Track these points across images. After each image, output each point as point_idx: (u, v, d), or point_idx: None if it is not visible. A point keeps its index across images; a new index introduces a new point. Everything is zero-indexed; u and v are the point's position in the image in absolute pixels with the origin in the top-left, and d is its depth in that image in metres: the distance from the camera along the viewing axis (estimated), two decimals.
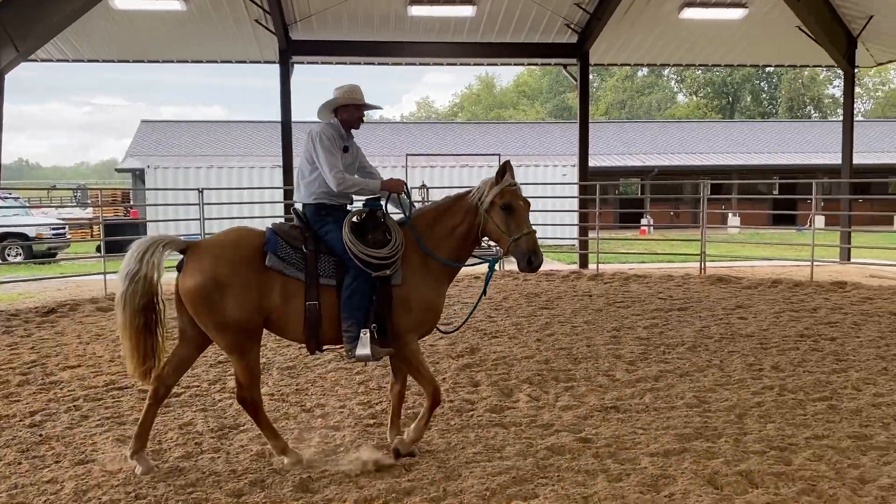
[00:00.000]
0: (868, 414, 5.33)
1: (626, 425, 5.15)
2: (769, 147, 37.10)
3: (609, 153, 35.36)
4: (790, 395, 5.83)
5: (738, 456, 4.52)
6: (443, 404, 5.66)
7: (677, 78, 65.13)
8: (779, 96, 62.70)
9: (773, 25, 16.59)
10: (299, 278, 4.31)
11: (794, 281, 12.69)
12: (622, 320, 9.30)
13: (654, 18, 16.18)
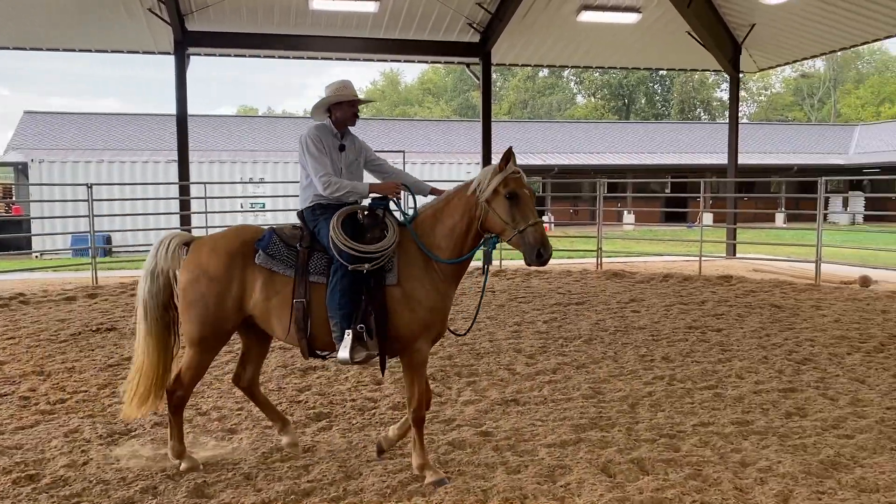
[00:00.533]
0: (749, 401, 5.65)
1: (525, 418, 5.27)
2: (662, 147, 38.74)
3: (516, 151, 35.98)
4: (679, 385, 6.11)
5: (631, 444, 4.70)
6: (345, 403, 5.63)
7: (577, 80, 67.00)
8: (671, 99, 65.53)
9: (665, 31, 17.32)
10: (289, 275, 4.20)
11: (685, 275, 13.31)
12: (523, 315, 9.49)
13: (554, 20, 16.59)
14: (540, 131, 40.12)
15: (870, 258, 16.72)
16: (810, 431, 4.90)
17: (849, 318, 9.05)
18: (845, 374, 6.43)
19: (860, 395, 5.77)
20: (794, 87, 66.63)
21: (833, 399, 5.68)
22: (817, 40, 16.54)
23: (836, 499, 3.86)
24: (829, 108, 64.12)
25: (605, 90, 65.27)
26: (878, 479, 4.11)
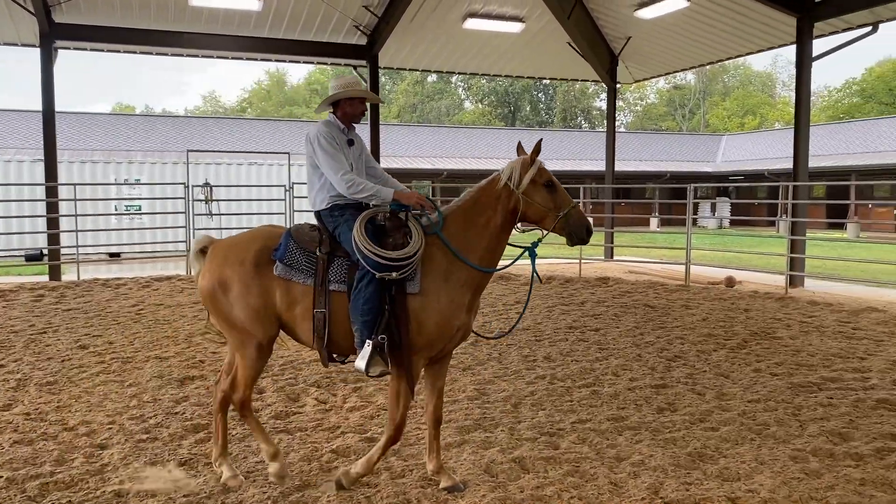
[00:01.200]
0: (624, 397, 5.90)
1: (411, 422, 5.27)
2: (545, 154, 39.18)
3: (401, 155, 36.09)
4: (559, 384, 6.30)
5: (513, 444, 4.80)
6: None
7: (464, 86, 67.97)
8: (554, 107, 67.67)
9: (547, 41, 17.86)
10: (308, 284, 4.02)
11: (566, 277, 13.76)
12: None
13: (440, 26, 16.76)
14: (429, 136, 40.44)
15: (734, 260, 17.87)
16: (680, 425, 5.17)
17: (715, 317, 9.63)
18: (712, 370, 6.83)
19: (725, 390, 6.14)
20: (667, 99, 70.38)
21: (700, 394, 6.02)
22: (687, 54, 17.55)
23: (701, 488, 4.09)
24: (699, 118, 68.11)
25: (492, 97, 66.58)
26: (739, 468, 4.38)
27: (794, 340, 8.17)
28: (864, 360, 7.21)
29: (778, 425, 5.17)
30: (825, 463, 4.48)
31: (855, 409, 5.59)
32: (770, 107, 65.53)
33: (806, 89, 13.50)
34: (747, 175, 38.49)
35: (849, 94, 59.37)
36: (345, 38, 16.81)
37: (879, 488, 4.10)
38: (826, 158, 35.34)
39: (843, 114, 56.30)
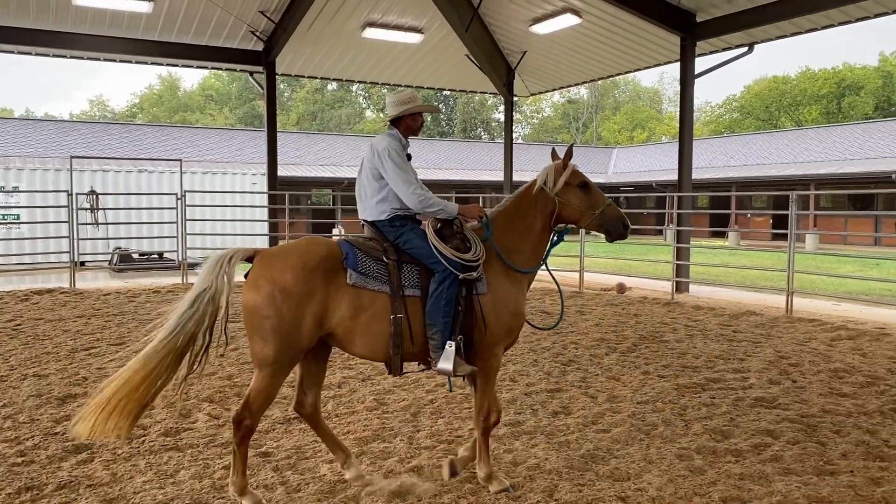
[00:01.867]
0: (521, 402, 6.01)
1: (308, 435, 5.17)
2: (447, 164, 40.35)
3: (301, 163, 35.57)
4: (458, 391, 6.34)
5: (412, 453, 4.80)
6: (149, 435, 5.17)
7: (365, 94, 67.78)
8: (455, 118, 68.46)
9: (446, 52, 18.08)
10: (384, 291, 4.00)
11: None
12: None
13: (339, 35, 16.66)
14: (329, 144, 40.07)
15: (625, 267, 18.58)
16: (573, 428, 5.31)
17: (607, 322, 9.97)
18: (604, 374, 7.06)
19: (616, 392, 6.36)
20: (562, 112, 72.57)
21: (593, 397, 6.21)
22: (580, 69, 18.17)
23: (594, 489, 4.21)
24: (592, 131, 70.57)
25: None
26: (629, 468, 4.54)
27: (680, 343, 8.57)
28: (744, 361, 7.64)
29: (665, 425, 5.40)
30: (708, 460, 4.71)
31: (735, 407, 5.91)
32: (657, 121, 68.70)
33: (689, 105, 14.23)
34: (637, 186, 40.19)
35: (729, 109, 63.04)
36: (240, 43, 16.45)
37: (757, 482, 4.34)
38: (709, 171, 37.34)
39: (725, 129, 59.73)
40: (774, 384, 6.68)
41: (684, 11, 13.57)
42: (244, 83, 61.03)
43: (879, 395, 6.34)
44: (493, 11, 16.26)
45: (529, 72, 18.94)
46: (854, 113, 52.21)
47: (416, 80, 20.41)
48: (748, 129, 54.79)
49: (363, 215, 4.40)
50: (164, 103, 64.41)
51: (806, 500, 4.05)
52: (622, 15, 14.07)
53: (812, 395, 6.28)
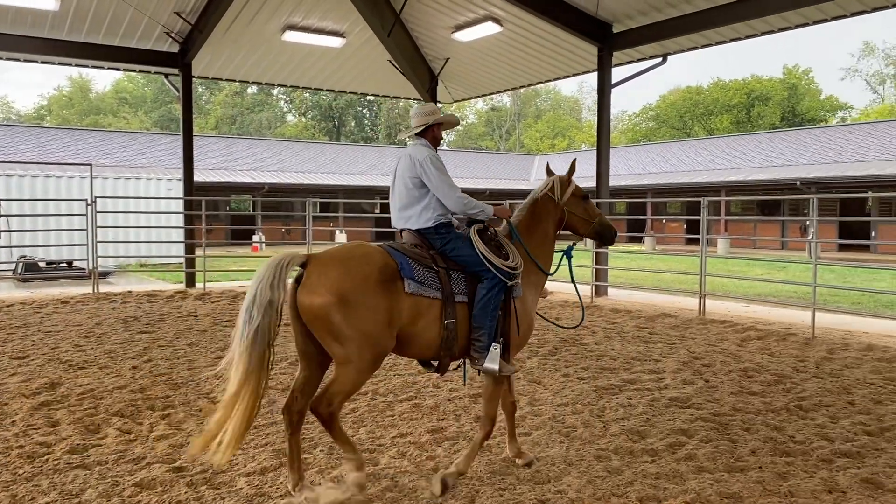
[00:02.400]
0: (444, 408, 6.00)
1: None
2: (371, 169, 40.13)
3: (219, 168, 34.72)
4: (381, 399, 6.28)
5: (332, 463, 4.71)
6: (9, 451, 4.89)
7: (286, 98, 66.81)
8: (379, 123, 68.23)
9: (368, 57, 17.98)
10: (437, 297, 4.21)
11: None
12: (227, 339, 9.09)
13: (259, 37, 16.35)
14: (249, 148, 39.26)
15: None
16: (495, 433, 5.33)
17: None
18: (525, 377, 7.13)
19: (537, 395, 6.43)
20: (485, 119, 73.37)
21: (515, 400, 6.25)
22: (502, 77, 18.39)
23: (515, 493, 4.23)
24: (515, 139, 71.59)
25: (315, 111, 65.94)
26: (549, 470, 4.59)
27: (599, 346, 8.75)
28: (659, 362, 7.86)
29: (584, 427, 5.48)
30: (625, 460, 4.80)
31: (651, 407, 6.06)
32: (577, 129, 70.30)
33: (607, 113, 14.59)
34: None
35: (646, 118, 65.10)
36: (155, 44, 15.93)
37: (672, 481, 4.45)
38: (626, 178, 38.43)
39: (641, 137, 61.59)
40: (688, 384, 6.89)
41: (601, 22, 13.92)
42: (160, 86, 59.24)
43: (786, 392, 6.62)
44: (416, 18, 16.28)
45: (453, 78, 19.05)
46: (762, 122, 54.77)
47: (338, 85, 20.22)
48: (663, 138, 56.71)
49: (404, 224, 4.57)
50: (74, 106, 61.83)
51: (718, 497, 4.17)
52: (542, 25, 14.32)
53: (723, 395, 6.51)
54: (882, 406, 6.15)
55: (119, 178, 22.38)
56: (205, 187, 30.32)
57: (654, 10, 13.02)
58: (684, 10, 12.60)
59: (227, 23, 15.26)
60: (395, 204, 4.63)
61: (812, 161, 32.88)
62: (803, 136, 36.87)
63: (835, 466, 4.69)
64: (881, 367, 7.69)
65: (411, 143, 4.67)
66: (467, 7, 14.80)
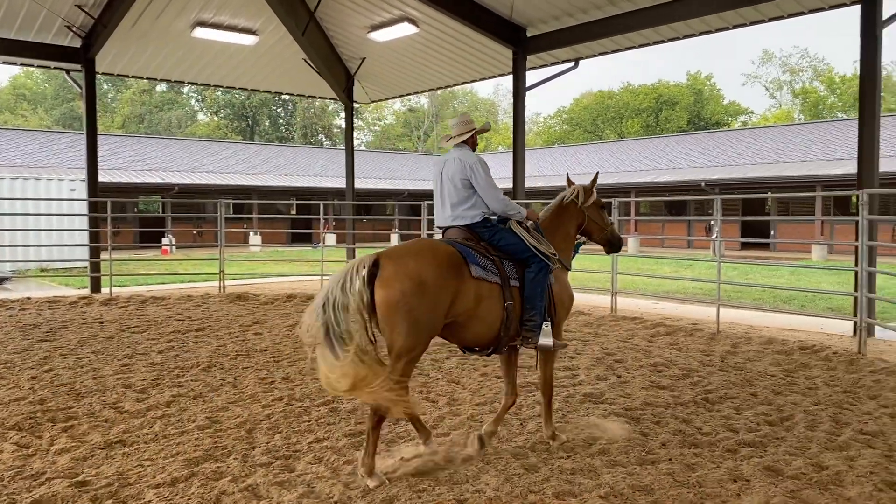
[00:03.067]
0: (362, 412, 5.93)
1: (132, 459, 4.82)
2: (287, 170, 39.44)
3: (126, 168, 33.41)
4: (297, 404, 6.17)
5: (246, 471, 4.59)
6: None
7: (198, 97, 64.93)
8: (294, 123, 67.15)
9: (282, 55, 17.66)
10: (497, 282, 4.71)
11: (308, 294, 13.63)
12: (136, 346, 8.76)
13: (167, 33, 15.80)
14: (158, 148, 37.96)
15: None
16: (414, 434, 5.32)
17: None
18: (444, 378, 7.15)
19: (456, 395, 6.45)
20: (403, 120, 73.31)
21: (434, 401, 6.26)
22: (419, 78, 18.40)
23: (433, 494, 4.22)
24: (433, 140, 71.80)
25: (228, 109, 64.34)
26: (467, 470, 4.60)
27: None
28: (573, 359, 8.03)
29: (502, 425, 5.53)
30: (542, 457, 4.88)
31: (566, 404, 6.18)
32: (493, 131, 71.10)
33: (522, 116, 14.81)
34: None
35: (560, 121, 66.52)
36: (55, 38, 15.15)
37: (587, 475, 4.55)
38: (541, 179, 39.13)
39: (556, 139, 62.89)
40: (601, 380, 7.07)
41: (516, 26, 14.11)
42: (61, 82, 56.56)
43: (693, 386, 6.88)
44: (331, 17, 16.10)
45: (369, 78, 18.93)
46: (670, 126, 56.85)
47: (251, 83, 19.77)
48: (577, 140, 58.09)
49: (452, 222, 5.05)
50: None
51: (631, 490, 4.29)
52: (457, 27, 14.41)
53: (635, 389, 6.70)
54: (782, 397, 6.47)
55: (17, 178, 21.23)
56: (111, 188, 29.11)
57: (567, 16, 13.31)
58: (595, 15, 12.93)
59: (132, 18, 14.67)
60: (444, 203, 5.09)
61: (716, 163, 34.36)
62: (708, 140, 38.51)
63: (739, 456, 4.90)
64: (780, 359, 8.09)
65: (455, 148, 5.14)
66: (383, 7, 14.74)
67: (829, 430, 5.46)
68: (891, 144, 28.58)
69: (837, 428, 5.53)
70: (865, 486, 4.31)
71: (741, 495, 4.22)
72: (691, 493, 4.25)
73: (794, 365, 7.80)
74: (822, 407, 6.11)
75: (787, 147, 33.35)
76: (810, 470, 4.61)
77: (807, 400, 6.35)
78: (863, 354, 8.27)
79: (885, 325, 8.79)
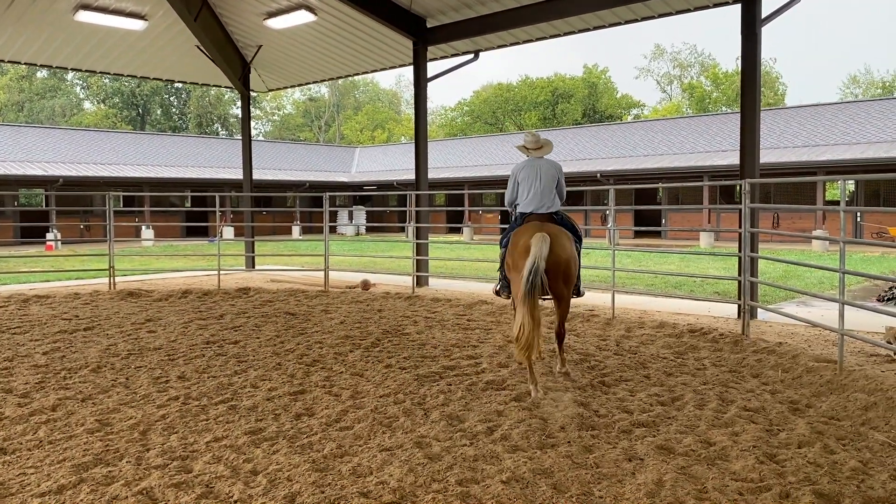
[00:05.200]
0: (263, 408, 5.81)
1: (14, 468, 4.53)
2: (181, 161, 37.98)
3: (4, 160, 31.31)
4: (194, 403, 5.97)
5: (140, 474, 4.40)
6: None
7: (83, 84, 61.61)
8: (188, 112, 64.76)
9: (174, 42, 16.97)
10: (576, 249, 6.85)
11: (204, 290, 13.21)
12: (17, 348, 8.24)
13: (47, 16, 14.87)
14: (39, 137, 35.74)
15: (370, 264, 18.93)
16: (316, 429, 5.25)
17: (352, 319, 10.05)
18: (348, 371, 7.08)
19: (359, 388, 6.41)
20: (303, 110, 71.99)
21: (337, 395, 6.20)
22: (319, 67, 18.11)
23: (336, 488, 4.18)
24: (335, 130, 70.93)
25: (116, 98, 61.35)
26: (371, 462, 4.59)
27: (420, 335, 8.90)
28: (476, 348, 8.13)
29: (405, 416, 5.55)
30: (445, 445, 4.91)
31: (469, 392, 6.26)
32: (396, 122, 71.02)
33: (423, 107, 14.83)
34: (379, 185, 41.16)
35: (462, 113, 67.05)
36: None
37: (489, 462, 4.62)
38: (445, 170, 39.38)
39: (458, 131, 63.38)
40: (503, 367, 7.19)
41: (416, 17, 14.10)
42: None
43: (590, 370, 7.11)
44: (225, 2, 15.58)
45: (267, 67, 18.47)
46: (566, 118, 58.36)
47: (140, 70, 18.90)
48: (478, 132, 58.74)
49: (539, 209, 6.98)
50: None
51: (531, 474, 4.38)
52: (357, 16, 14.26)
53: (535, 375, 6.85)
54: (673, 378, 6.77)
55: None
56: None
57: (466, 7, 13.40)
58: (493, 8, 13.08)
59: None
60: (534, 194, 7.00)
61: (610, 155, 35.57)
62: (603, 132, 39.79)
63: (634, 436, 5.10)
64: (671, 342, 8.47)
65: (536, 155, 7.27)
66: None
67: (716, 408, 5.77)
68: (770, 137, 30.41)
69: (724, 406, 5.84)
70: (748, 460, 4.58)
71: (636, 474, 4.40)
72: (589, 475, 4.39)
73: (684, 347, 8.18)
74: (709, 386, 6.44)
75: (676, 139, 34.90)
76: (699, 447, 4.86)
77: (696, 380, 6.68)
78: (746, 336, 8.78)
79: (766, 308, 9.34)
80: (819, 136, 30.18)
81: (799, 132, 31.15)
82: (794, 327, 9.64)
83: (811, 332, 9.29)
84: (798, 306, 11.35)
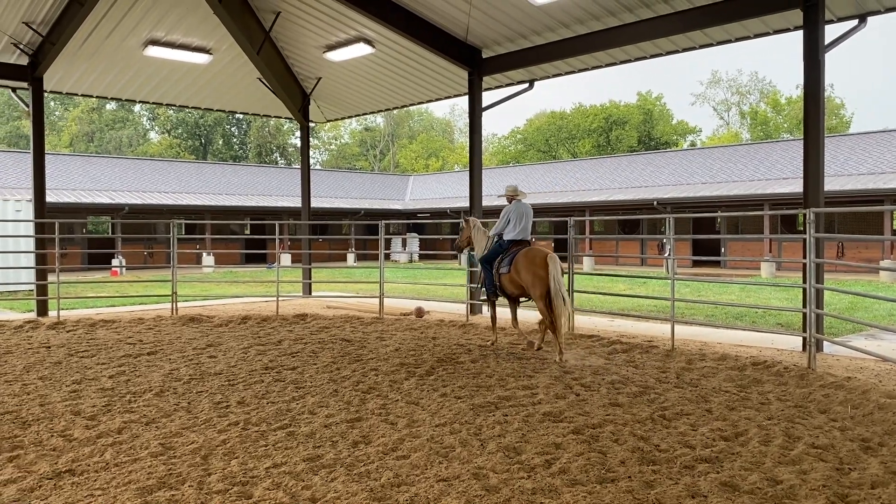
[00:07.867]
0: (320, 435, 5.85)
1: (82, 489, 4.66)
2: (241, 189, 38.97)
3: (74, 188, 32.63)
4: (254, 429, 6.05)
5: (202, 499, 4.48)
6: None
7: (149, 115, 63.97)
8: (248, 142, 66.53)
9: (237, 74, 17.53)
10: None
11: (263, 316, 13.44)
12: (85, 371, 8.51)
13: (119, 52, 15.56)
14: (108, 167, 37.18)
15: (423, 291, 19.00)
16: (373, 457, 5.26)
17: (407, 347, 10.09)
18: (403, 399, 7.10)
19: (415, 417, 6.41)
20: (359, 139, 73.23)
21: (393, 423, 6.21)
22: (375, 98, 18.44)
23: None
24: (389, 159, 71.86)
25: (180, 128, 63.47)
26: (428, 493, 4.57)
27: (475, 364, 8.87)
28: (532, 378, 8.06)
29: (462, 446, 5.52)
30: (502, 477, 4.86)
31: (526, 423, 6.19)
32: (450, 150, 71.54)
33: (478, 136, 14.93)
34: (432, 212, 41.43)
35: (514, 141, 67.20)
36: (1, 56, 14.79)
37: (547, 495, 4.55)
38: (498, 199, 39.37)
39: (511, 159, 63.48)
40: (560, 398, 7.10)
41: (471, 48, 14.27)
42: (7, 100, 55.16)
43: (650, 403, 6.96)
44: (286, 36, 16.05)
45: (325, 98, 18.89)
46: (621, 145, 57.91)
47: (204, 102, 19.55)
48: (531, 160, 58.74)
49: (525, 238, 10.01)
50: None
51: None
52: (413, 48, 14.50)
53: (593, 407, 6.75)
54: (736, 412, 6.58)
55: None
56: (59, 209, 28.40)
57: (521, 38, 13.51)
58: (549, 38, 13.15)
59: (82, 36, 14.43)
60: (522, 228, 9.95)
61: (667, 182, 35.08)
62: (658, 159, 39.30)
63: (696, 472, 4.97)
64: (734, 375, 8.25)
65: (522, 200, 10.17)
66: (339, 27, 14.75)
67: (783, 444, 5.58)
68: (833, 164, 29.59)
69: (790, 442, 5.65)
70: (818, 500, 4.40)
71: None
72: None
73: (747, 380, 7.95)
74: (774, 422, 6.24)
75: (735, 166, 34.25)
76: (765, 484, 4.70)
77: (760, 415, 6.47)
78: (812, 369, 8.49)
79: (833, 340, 9.04)
80: (886, 164, 29.24)
81: (864, 159, 30.24)
82: (863, 361, 9.29)
83: (882, 367, 8.93)
84: (867, 339, 10.94)
